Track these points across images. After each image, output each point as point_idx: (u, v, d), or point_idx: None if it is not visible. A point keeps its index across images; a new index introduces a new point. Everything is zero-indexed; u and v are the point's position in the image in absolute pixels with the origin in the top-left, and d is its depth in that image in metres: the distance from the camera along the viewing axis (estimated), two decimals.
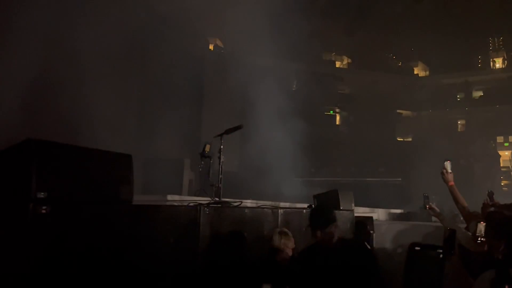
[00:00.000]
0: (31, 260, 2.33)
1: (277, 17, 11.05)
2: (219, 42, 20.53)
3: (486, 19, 24.85)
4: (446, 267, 2.83)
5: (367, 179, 20.28)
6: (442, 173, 4.13)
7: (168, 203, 5.48)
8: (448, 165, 4.14)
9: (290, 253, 3.87)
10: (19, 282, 2.30)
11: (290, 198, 8.97)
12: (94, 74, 8.08)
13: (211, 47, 20.13)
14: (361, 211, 8.84)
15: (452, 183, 4.15)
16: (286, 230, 4.10)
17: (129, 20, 8.55)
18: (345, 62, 29.99)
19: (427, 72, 31.13)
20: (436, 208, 3.90)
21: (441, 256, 1.01)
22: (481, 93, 29.17)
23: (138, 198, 3.48)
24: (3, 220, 2.46)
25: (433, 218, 9.87)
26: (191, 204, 4.16)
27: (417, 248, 1.10)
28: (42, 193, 2.41)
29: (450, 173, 4.14)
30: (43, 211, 2.38)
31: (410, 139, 29.06)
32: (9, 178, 2.53)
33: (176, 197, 5.74)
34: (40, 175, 2.42)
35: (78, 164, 2.71)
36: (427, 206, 3.88)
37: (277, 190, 10.17)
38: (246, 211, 4.31)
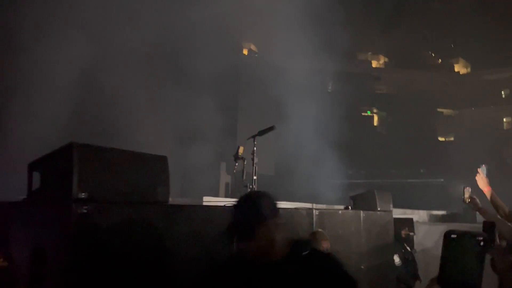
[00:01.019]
0: (74, 258, 2.46)
1: (310, 18, 11.02)
2: (253, 47, 20.70)
3: None
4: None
5: (408, 180, 19.80)
6: (477, 179, 3.93)
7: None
8: (484, 169, 3.94)
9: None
10: (63, 279, 2.43)
11: (328, 201, 8.90)
12: (132, 78, 8.37)
13: (245, 51, 20.32)
14: (401, 213, 8.65)
15: (488, 187, 3.95)
16: (316, 230, 4.10)
17: (166, 25, 8.79)
18: (381, 61, 29.39)
19: (469, 69, 29.98)
20: (478, 201, 3.71)
21: (481, 244, 0.94)
22: None
23: (175, 200, 3.58)
24: (49, 219, 2.61)
25: (478, 219, 9.50)
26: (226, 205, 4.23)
27: (453, 236, 1.01)
28: (83, 194, 2.53)
29: (485, 178, 3.93)
30: (84, 211, 2.50)
31: (452, 139, 28.09)
32: (54, 180, 2.68)
33: (212, 199, 5.83)
34: (82, 176, 2.55)
35: (117, 166, 2.83)
36: (468, 200, 3.66)
37: (314, 193, 10.12)
38: (280, 211, 4.32)
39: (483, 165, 3.98)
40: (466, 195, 3.72)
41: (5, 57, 7.07)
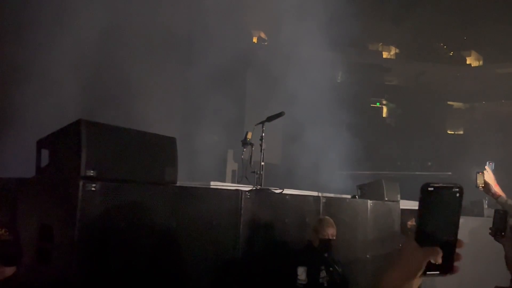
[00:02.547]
0: (80, 235, 2.46)
1: (321, 7, 10.89)
2: (262, 35, 20.56)
3: None
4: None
5: (415, 172, 19.69)
6: (485, 176, 3.82)
7: None
8: (491, 166, 3.80)
9: (318, 241, 3.89)
10: (69, 255, 2.44)
11: (334, 191, 8.87)
12: (143, 60, 8.35)
13: (254, 39, 20.19)
14: (407, 204, 8.60)
15: (496, 185, 3.84)
16: (322, 218, 4.11)
17: (178, 10, 8.74)
18: (392, 52, 29.05)
19: (481, 62, 29.56)
20: (491, 186, 3.60)
21: (457, 195, 0.90)
22: None
23: (182, 184, 3.57)
24: (57, 196, 2.61)
25: (485, 213, 9.40)
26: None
27: (430, 188, 0.96)
28: (92, 172, 2.53)
29: (493, 175, 3.80)
30: (92, 189, 2.50)
31: (461, 132, 27.83)
32: (62, 157, 2.68)
33: (219, 184, 5.83)
34: (90, 154, 2.54)
35: (126, 145, 2.83)
36: (481, 185, 3.54)
37: (320, 183, 10.09)
38: (287, 197, 4.32)
39: (490, 162, 3.88)
40: (479, 180, 3.60)
41: (16, 35, 7.08)
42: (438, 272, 0.94)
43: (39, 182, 2.75)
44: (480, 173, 3.62)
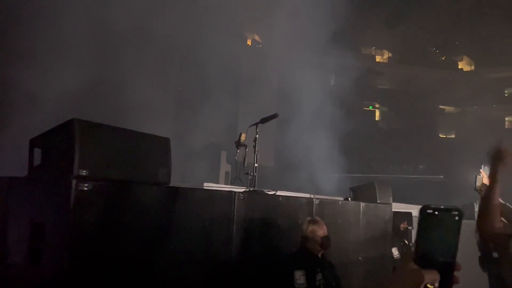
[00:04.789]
0: (73, 234, 2.45)
1: (315, 11, 10.94)
2: (256, 37, 20.60)
3: None
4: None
5: (407, 176, 19.84)
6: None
7: None
8: (486, 170, 3.81)
9: (319, 240, 3.87)
10: (61, 254, 2.42)
11: (327, 193, 8.90)
12: (138, 62, 8.33)
13: (249, 42, 20.22)
14: (400, 207, 8.65)
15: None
16: (316, 218, 4.10)
17: (171, 13, 8.74)
18: (385, 56, 29.24)
19: (472, 67, 29.87)
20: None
21: (456, 218, 0.90)
22: None
23: (176, 185, 3.56)
24: (49, 196, 2.60)
25: (476, 216, 9.45)
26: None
27: (429, 211, 0.96)
28: (84, 171, 2.51)
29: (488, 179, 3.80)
30: (85, 188, 2.48)
31: (453, 136, 28.09)
32: (55, 156, 2.66)
33: (212, 185, 5.83)
34: (83, 153, 2.53)
35: (119, 145, 2.81)
36: (480, 189, 3.54)
37: (313, 185, 10.13)
38: (280, 199, 4.32)
39: (485, 165, 3.89)
40: (479, 183, 3.59)
41: (11, 33, 7.04)
42: None
43: (31, 181, 2.73)
44: (479, 176, 3.61)
